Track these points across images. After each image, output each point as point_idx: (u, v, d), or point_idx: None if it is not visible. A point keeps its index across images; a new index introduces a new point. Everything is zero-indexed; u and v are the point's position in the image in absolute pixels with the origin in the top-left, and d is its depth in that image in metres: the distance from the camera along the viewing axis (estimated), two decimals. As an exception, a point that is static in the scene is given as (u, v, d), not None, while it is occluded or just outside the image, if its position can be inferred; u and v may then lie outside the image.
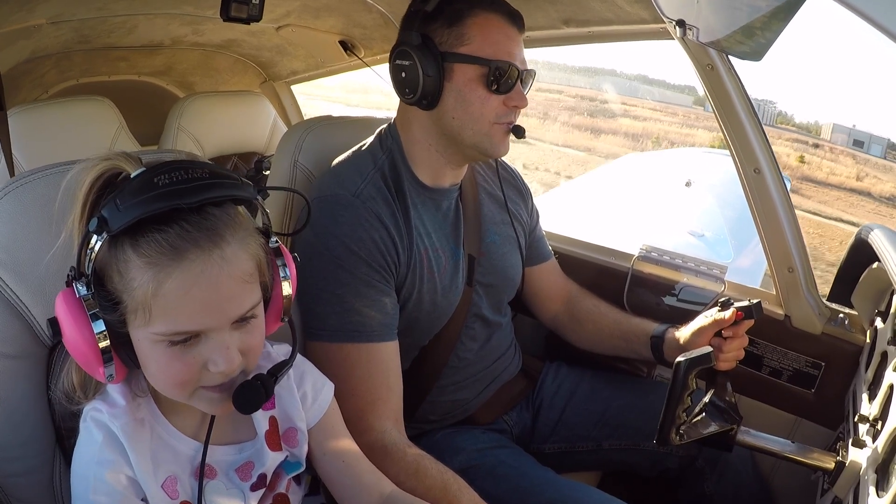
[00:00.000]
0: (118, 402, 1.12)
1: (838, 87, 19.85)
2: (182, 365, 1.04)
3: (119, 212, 0.96)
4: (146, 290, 0.97)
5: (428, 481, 1.49)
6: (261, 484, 1.24)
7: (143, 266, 0.97)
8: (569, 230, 2.68)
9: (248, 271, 1.06)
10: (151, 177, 0.98)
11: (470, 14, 1.63)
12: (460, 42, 1.63)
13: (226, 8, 2.27)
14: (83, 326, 0.99)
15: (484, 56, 1.63)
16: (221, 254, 1.00)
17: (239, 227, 1.05)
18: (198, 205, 0.99)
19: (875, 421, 1.47)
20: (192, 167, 1.02)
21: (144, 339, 1.02)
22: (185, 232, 0.98)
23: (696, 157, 7.99)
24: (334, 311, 1.57)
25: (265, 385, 1.13)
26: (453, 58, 1.63)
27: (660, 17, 1.68)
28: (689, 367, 1.49)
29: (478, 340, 1.93)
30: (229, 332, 1.05)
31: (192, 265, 0.98)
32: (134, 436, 1.10)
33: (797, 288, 2.07)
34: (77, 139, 3.12)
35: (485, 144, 1.70)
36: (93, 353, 1.01)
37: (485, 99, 1.65)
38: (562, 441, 2.05)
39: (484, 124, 1.67)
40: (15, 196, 1.21)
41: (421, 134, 1.74)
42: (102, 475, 1.07)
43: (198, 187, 0.99)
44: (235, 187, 1.05)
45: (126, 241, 0.98)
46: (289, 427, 1.30)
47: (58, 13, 2.66)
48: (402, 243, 1.66)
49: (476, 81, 1.64)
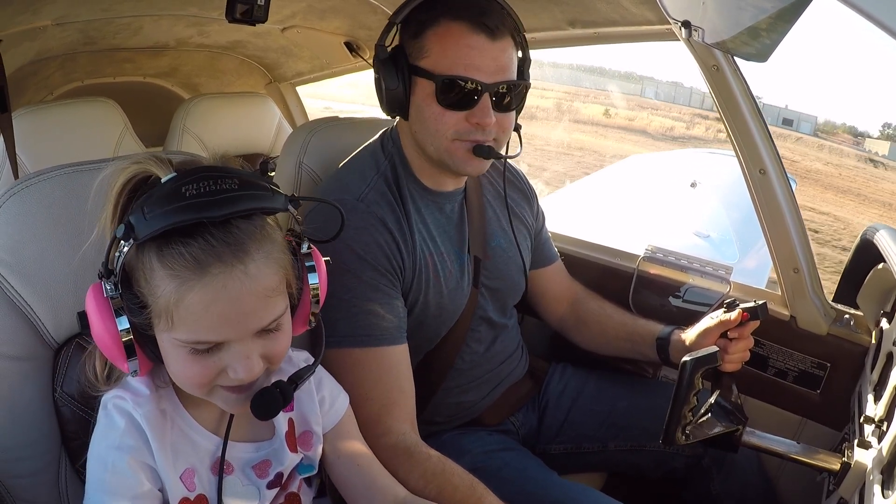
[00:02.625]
0: (142, 392, 1.13)
1: (771, 69, 20.35)
2: (202, 368, 1.05)
3: (145, 220, 0.96)
4: (168, 300, 0.98)
5: (455, 480, 1.48)
6: (277, 482, 1.25)
7: (167, 277, 0.98)
8: (575, 231, 2.68)
9: (272, 286, 1.06)
10: (180, 185, 0.98)
11: (432, 25, 1.57)
12: (420, 55, 1.59)
13: (231, 9, 2.28)
14: (108, 323, 1.01)
15: (437, 70, 1.56)
16: (245, 269, 1.00)
17: (265, 241, 1.05)
18: (223, 219, 0.99)
19: (881, 422, 1.47)
20: (223, 176, 1.01)
21: (167, 341, 1.04)
22: (208, 246, 0.97)
23: (701, 158, 7.98)
24: (343, 317, 1.56)
25: (284, 393, 1.14)
26: (416, 71, 1.60)
27: (665, 19, 1.68)
28: (696, 367, 1.50)
29: (483, 343, 1.92)
30: (252, 340, 1.06)
31: (214, 280, 0.98)
32: (156, 425, 1.11)
33: (803, 289, 2.06)
34: (82, 141, 3.13)
35: (447, 161, 1.65)
36: (117, 349, 1.02)
37: (439, 115, 1.58)
38: (568, 442, 2.05)
39: (442, 141, 1.62)
40: (20, 198, 1.21)
41: (408, 141, 1.74)
42: (123, 461, 1.08)
43: (225, 200, 0.99)
44: (264, 199, 1.04)
45: (152, 249, 0.98)
46: (305, 430, 1.31)
47: (63, 14, 2.67)
48: (407, 247, 1.65)
49: (431, 97, 1.58)
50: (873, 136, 40.95)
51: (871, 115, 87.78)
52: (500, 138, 1.66)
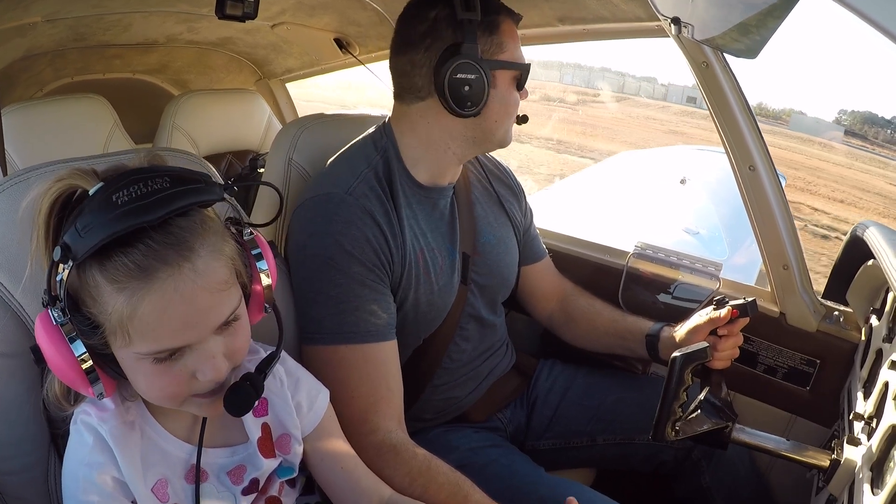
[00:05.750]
0: (107, 406, 1.11)
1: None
2: (170, 378, 1.02)
3: (81, 237, 0.92)
4: (121, 314, 0.95)
5: (440, 478, 1.49)
6: (253, 488, 1.24)
7: (114, 291, 0.94)
8: (565, 227, 2.68)
9: (223, 279, 1.04)
10: (109, 194, 0.94)
11: (502, 23, 1.68)
12: (500, 50, 1.67)
13: (221, 6, 2.27)
14: (64, 352, 0.98)
15: (518, 60, 1.70)
16: (192, 267, 0.98)
17: (209, 233, 1.02)
18: (161, 220, 0.96)
19: (870, 419, 1.47)
20: (151, 177, 0.98)
21: (128, 357, 1.01)
22: (150, 250, 0.94)
23: (690, 155, 7.98)
24: (329, 314, 1.56)
25: (254, 384, 1.13)
26: (496, 65, 1.66)
27: (655, 15, 1.68)
28: (686, 362, 1.50)
29: (471, 341, 1.93)
30: (213, 339, 1.04)
31: (164, 284, 0.95)
32: (122, 439, 1.09)
33: (792, 285, 2.07)
34: (72, 137, 3.12)
35: (507, 138, 1.78)
36: (78, 377, 0.99)
37: (517, 100, 1.74)
38: (556, 437, 2.05)
39: (512, 122, 1.77)
40: (9, 195, 1.20)
41: (440, 137, 1.72)
42: (92, 477, 1.06)
43: (158, 200, 0.95)
44: (200, 192, 1.02)
45: (93, 266, 0.95)
46: (282, 433, 1.29)
47: (53, 11, 2.65)
48: (396, 242, 1.65)
49: (512, 85, 1.71)
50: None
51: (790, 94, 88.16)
52: None
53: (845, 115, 44.08)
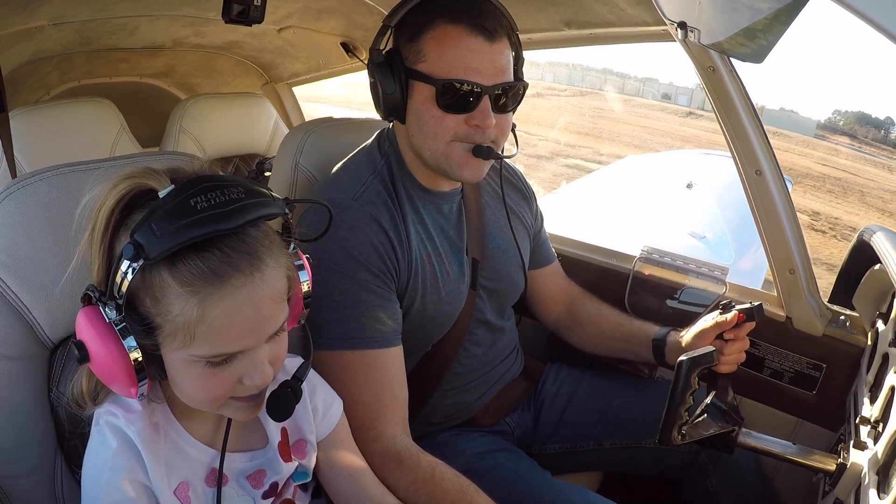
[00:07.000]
0: (134, 407, 1.11)
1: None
2: (218, 382, 1.04)
3: (156, 238, 0.92)
4: (189, 317, 0.96)
5: (445, 485, 1.48)
6: (272, 492, 1.25)
7: (185, 293, 0.95)
8: (572, 231, 2.68)
9: (283, 289, 1.07)
10: (187, 198, 0.95)
11: (429, 28, 1.55)
12: (418, 58, 1.57)
13: (227, 9, 2.28)
14: (116, 350, 0.97)
15: (436, 74, 1.54)
16: (262, 276, 1.00)
17: (274, 245, 1.05)
18: (238, 229, 0.98)
19: (876, 423, 1.47)
20: (227, 186, 0.99)
21: (180, 359, 1.02)
22: (226, 257, 0.96)
23: (697, 159, 7.97)
24: (334, 319, 1.55)
25: (294, 391, 1.16)
26: (414, 75, 1.58)
27: (661, 20, 1.68)
28: (692, 367, 1.50)
29: (481, 346, 1.92)
30: (263, 346, 1.06)
31: (237, 291, 0.97)
32: (149, 441, 1.10)
33: (798, 290, 2.06)
34: (78, 141, 3.12)
35: (444, 166, 1.64)
36: (125, 375, 0.99)
37: (439, 118, 1.57)
38: (563, 441, 2.05)
39: (440, 144, 1.60)
40: (16, 198, 1.21)
41: (404, 142, 1.72)
42: (117, 481, 1.06)
43: (237, 210, 0.97)
44: (269, 205, 1.03)
45: (163, 267, 0.95)
46: (299, 438, 1.31)
47: (59, 15, 2.67)
48: (402, 248, 1.64)
49: (430, 100, 1.56)
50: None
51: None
52: (498, 140, 1.64)
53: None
